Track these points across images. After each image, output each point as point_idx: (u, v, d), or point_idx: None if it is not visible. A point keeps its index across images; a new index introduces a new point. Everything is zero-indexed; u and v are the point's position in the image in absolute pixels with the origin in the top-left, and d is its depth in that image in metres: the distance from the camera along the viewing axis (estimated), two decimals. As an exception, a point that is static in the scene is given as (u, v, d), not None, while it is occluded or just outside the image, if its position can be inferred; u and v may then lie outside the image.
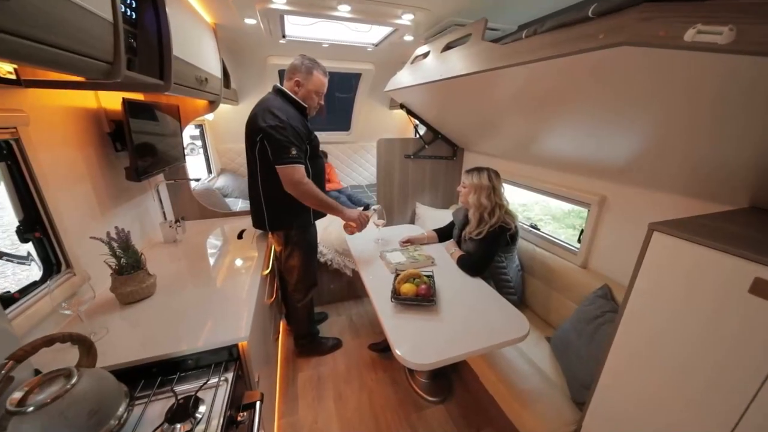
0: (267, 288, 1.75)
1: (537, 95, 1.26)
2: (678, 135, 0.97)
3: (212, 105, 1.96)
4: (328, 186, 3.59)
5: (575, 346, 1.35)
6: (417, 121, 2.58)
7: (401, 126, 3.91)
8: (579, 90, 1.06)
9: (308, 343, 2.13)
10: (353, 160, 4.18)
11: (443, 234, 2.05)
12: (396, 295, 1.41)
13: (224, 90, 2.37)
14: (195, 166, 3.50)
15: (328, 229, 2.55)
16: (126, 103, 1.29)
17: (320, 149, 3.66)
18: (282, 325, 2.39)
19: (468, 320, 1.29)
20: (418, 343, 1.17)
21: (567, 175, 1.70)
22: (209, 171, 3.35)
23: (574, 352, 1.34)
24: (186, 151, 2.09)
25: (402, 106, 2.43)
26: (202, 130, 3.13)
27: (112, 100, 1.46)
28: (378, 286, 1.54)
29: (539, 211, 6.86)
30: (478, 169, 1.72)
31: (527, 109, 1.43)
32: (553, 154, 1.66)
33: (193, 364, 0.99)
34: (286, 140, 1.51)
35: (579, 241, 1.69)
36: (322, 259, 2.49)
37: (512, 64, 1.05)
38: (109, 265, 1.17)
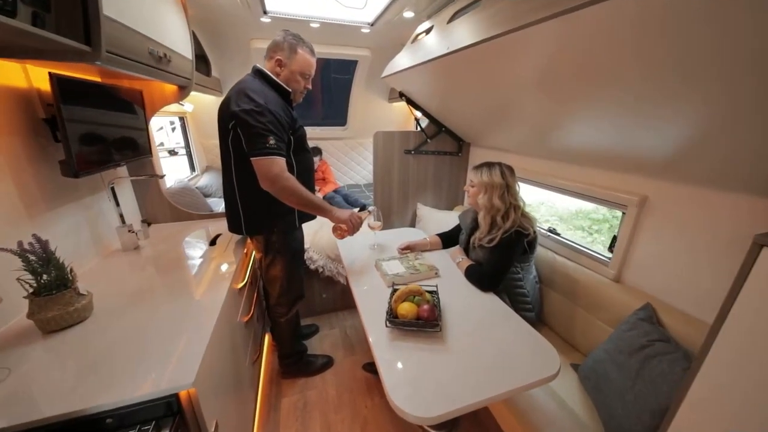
0: (243, 303, 1.49)
1: (565, 69, 1.00)
2: (754, 113, 0.71)
3: (183, 91, 1.71)
4: (323, 186, 3.33)
5: (615, 382, 1.08)
6: (419, 113, 2.32)
7: (402, 120, 3.65)
8: (624, 58, 0.80)
9: (294, 362, 1.87)
10: (350, 157, 3.92)
11: (448, 239, 1.79)
12: (392, 316, 1.15)
13: (203, 78, 2.12)
14: (182, 165, 3.26)
15: (319, 232, 2.29)
16: (55, 79, 1.03)
17: (315, 146, 3.44)
18: (268, 339, 2.14)
19: (482, 351, 1.03)
20: (419, 384, 0.91)
21: (596, 171, 1.43)
22: (192, 168, 3.09)
23: (614, 391, 1.08)
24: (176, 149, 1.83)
25: (401, 95, 2.17)
26: (184, 123, 2.88)
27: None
28: (371, 302, 1.29)
29: (545, 212, 6.57)
30: (489, 165, 1.46)
31: (551, 90, 1.16)
32: (580, 147, 1.40)
33: (113, 424, 0.73)
34: (262, 127, 1.26)
35: (610, 249, 1.42)
36: (312, 266, 2.24)
37: (545, 17, 0.78)
38: (25, 284, 0.92)
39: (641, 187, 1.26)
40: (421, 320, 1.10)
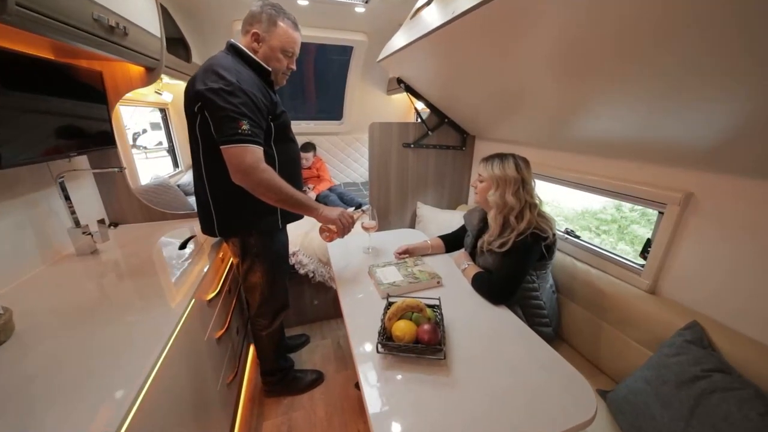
0: (215, 316, 1.29)
1: (596, 40, 0.79)
2: None
3: (151, 74, 1.50)
4: (317, 184, 3.13)
5: (660, 422, 0.88)
6: (420, 104, 2.11)
7: (402, 114, 3.44)
8: (677, 23, 0.60)
9: (278, 381, 1.66)
10: (347, 154, 3.71)
11: (452, 242, 1.59)
12: (386, 337, 0.95)
13: (180, 63, 1.91)
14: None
15: (310, 234, 2.09)
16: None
17: (309, 142, 3.22)
18: (252, 352, 1.94)
19: (495, 385, 0.82)
20: (418, 432, 0.71)
21: (627, 163, 1.22)
22: (175, 165, 2.89)
23: (660, 432, 0.87)
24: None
25: (400, 83, 1.96)
26: (166, 115, 2.67)
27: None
28: (362, 317, 1.09)
29: (550, 212, 6.35)
30: (501, 156, 1.25)
31: (576, 67, 0.96)
32: (608, 136, 1.19)
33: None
34: (233, 110, 1.06)
35: (643, 255, 1.22)
36: (302, 271, 2.04)
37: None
38: None
39: (685, 182, 1.05)
40: (420, 344, 0.90)
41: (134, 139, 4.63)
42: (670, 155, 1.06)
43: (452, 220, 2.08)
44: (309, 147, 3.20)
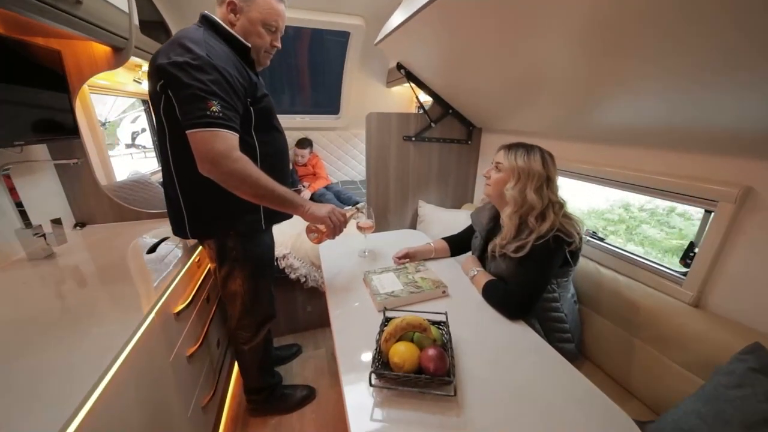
0: (186, 331, 1.12)
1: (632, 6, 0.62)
2: None
3: (119, 55, 1.33)
4: (313, 182, 2.96)
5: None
6: (421, 93, 1.93)
7: (403, 109, 3.26)
8: None
9: (264, 399, 1.49)
10: (345, 150, 3.53)
11: (457, 244, 1.42)
12: (381, 364, 0.78)
13: (157, 46, 1.73)
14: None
15: (302, 235, 1.92)
16: None
17: (305, 137, 3.04)
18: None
19: (520, 427, 0.65)
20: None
21: (666, 154, 1.05)
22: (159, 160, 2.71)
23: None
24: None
25: (400, 69, 1.79)
26: (149, 107, 2.50)
27: None
28: (354, 335, 0.92)
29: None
30: (527, 147, 1.07)
31: (614, 44, 0.78)
32: (643, 122, 1.02)
33: None
34: (200, 87, 0.89)
35: (684, 262, 1.04)
36: (293, 275, 1.87)
37: None
38: None
39: (742, 175, 0.88)
40: (425, 374, 0.73)
41: (133, 138, 4.48)
42: (724, 143, 0.88)
43: (457, 220, 1.91)
44: (305, 143, 3.03)
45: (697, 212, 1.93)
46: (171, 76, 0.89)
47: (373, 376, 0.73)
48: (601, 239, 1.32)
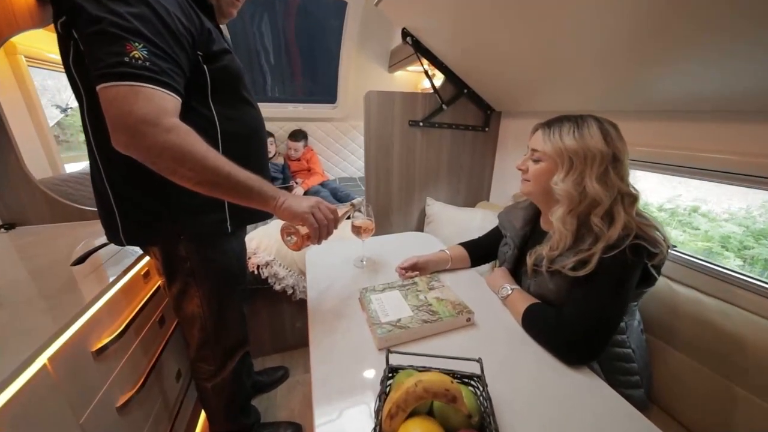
0: (117, 371, 0.82)
1: None
2: None
3: (46, 9, 1.04)
4: (307, 178, 2.67)
5: None
6: (428, 67, 1.63)
7: (406, 97, 2.96)
8: None
9: (235, 445, 1.19)
10: (343, 144, 3.23)
11: (479, 252, 1.12)
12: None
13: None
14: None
15: (288, 237, 1.62)
16: None
17: (299, 129, 2.72)
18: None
19: None
20: None
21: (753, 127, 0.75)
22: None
23: None
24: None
25: (405, 37, 1.48)
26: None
27: None
28: (336, 389, 0.61)
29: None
30: (576, 120, 0.76)
31: None
32: (726, 87, 0.71)
33: None
34: (115, 21, 0.60)
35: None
36: (278, 286, 1.57)
37: None
38: None
39: None
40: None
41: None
42: None
43: (472, 220, 1.61)
44: (299, 135, 2.74)
45: (722, 212, 1.60)
46: (77, 8, 0.60)
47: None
48: (673, 246, 1.02)
